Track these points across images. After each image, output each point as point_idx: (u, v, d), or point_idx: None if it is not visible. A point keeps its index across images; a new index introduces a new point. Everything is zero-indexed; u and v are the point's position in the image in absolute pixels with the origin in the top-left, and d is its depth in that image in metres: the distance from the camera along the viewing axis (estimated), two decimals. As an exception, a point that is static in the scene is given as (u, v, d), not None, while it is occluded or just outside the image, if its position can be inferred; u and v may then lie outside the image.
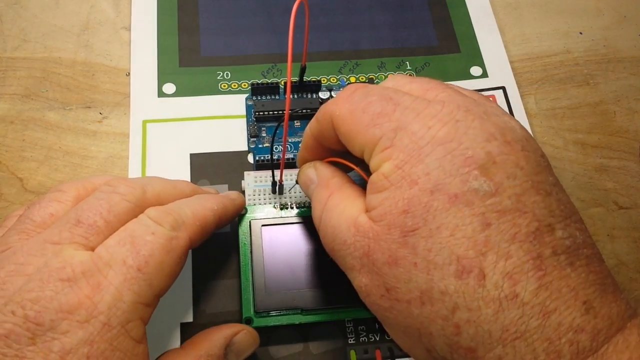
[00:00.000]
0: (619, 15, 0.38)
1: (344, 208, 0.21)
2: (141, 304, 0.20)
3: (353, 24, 0.36)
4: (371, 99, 0.21)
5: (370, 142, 0.20)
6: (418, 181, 0.18)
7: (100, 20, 0.35)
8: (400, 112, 0.20)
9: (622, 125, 0.34)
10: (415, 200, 0.18)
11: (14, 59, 0.33)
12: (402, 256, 0.18)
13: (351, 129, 0.21)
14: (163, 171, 0.30)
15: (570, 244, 0.18)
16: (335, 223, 0.21)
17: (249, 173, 0.29)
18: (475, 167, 0.18)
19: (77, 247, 0.20)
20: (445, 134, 0.19)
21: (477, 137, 0.19)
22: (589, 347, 0.17)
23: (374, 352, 0.26)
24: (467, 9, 0.37)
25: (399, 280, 0.19)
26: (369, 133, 0.20)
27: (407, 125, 0.19)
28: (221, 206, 0.24)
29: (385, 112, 0.20)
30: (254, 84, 0.31)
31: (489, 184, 0.18)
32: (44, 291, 0.19)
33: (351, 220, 0.20)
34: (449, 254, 0.18)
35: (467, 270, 0.17)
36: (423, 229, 0.18)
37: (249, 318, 0.25)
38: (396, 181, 0.19)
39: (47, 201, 0.22)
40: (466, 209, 0.18)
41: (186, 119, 0.32)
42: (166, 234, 0.21)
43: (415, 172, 0.19)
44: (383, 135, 0.20)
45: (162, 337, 0.26)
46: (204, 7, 0.36)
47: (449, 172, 0.18)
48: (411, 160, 0.19)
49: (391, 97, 0.20)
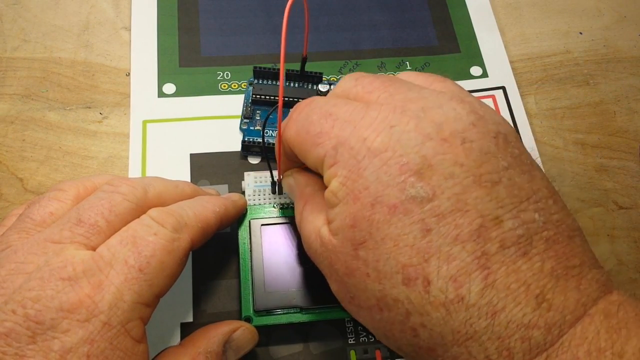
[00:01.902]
0: (619, 15, 0.38)
1: (313, 219, 0.22)
2: (141, 304, 0.20)
3: (353, 24, 0.36)
4: (312, 118, 0.21)
5: (317, 161, 0.21)
6: (359, 196, 0.19)
7: (100, 20, 0.35)
8: (338, 128, 0.20)
9: (622, 125, 0.34)
10: (359, 214, 0.19)
11: (14, 59, 0.33)
12: (355, 267, 0.19)
13: (300, 149, 0.22)
14: (163, 171, 0.30)
15: (524, 232, 0.18)
16: (307, 233, 0.22)
17: (249, 173, 0.29)
18: (411, 174, 0.18)
19: (78, 246, 0.20)
20: (379, 143, 0.19)
21: (410, 141, 0.19)
22: (542, 342, 0.17)
23: (374, 352, 0.26)
24: (467, 9, 0.37)
25: (357, 289, 0.19)
26: (314, 153, 0.21)
27: (345, 140, 0.20)
28: (223, 208, 0.24)
29: (325, 130, 0.20)
30: (256, 67, 0.31)
31: (426, 189, 0.18)
32: (44, 290, 0.19)
33: (316, 231, 0.21)
34: (395, 264, 0.18)
35: (413, 278, 0.18)
36: (370, 242, 0.19)
37: (248, 317, 0.25)
38: (343, 197, 0.19)
39: (47, 200, 0.22)
40: (405, 217, 0.18)
41: (186, 119, 0.32)
42: (168, 235, 0.21)
43: (357, 187, 0.19)
44: (326, 153, 0.20)
45: (162, 337, 0.26)
46: (204, 7, 0.36)
47: (386, 183, 0.18)
48: (352, 175, 0.19)
49: (330, 113, 0.21)
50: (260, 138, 0.30)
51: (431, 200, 0.18)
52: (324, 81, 0.32)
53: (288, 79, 0.32)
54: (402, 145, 0.19)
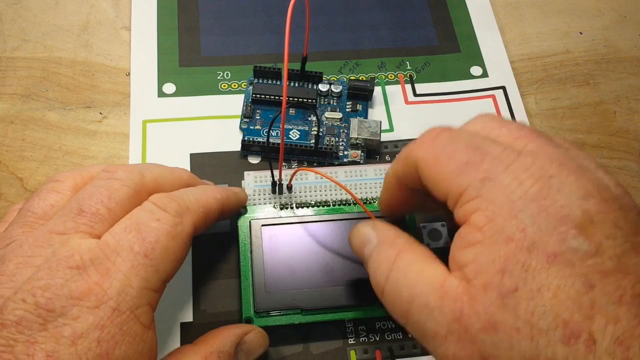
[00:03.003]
0: (619, 15, 0.38)
1: (422, 267, 0.20)
2: (149, 289, 0.20)
3: (353, 24, 0.36)
4: (457, 146, 0.20)
5: (455, 191, 0.19)
6: (514, 237, 0.17)
7: (100, 20, 0.35)
8: (488, 163, 0.19)
9: (622, 125, 0.34)
10: (513, 258, 0.17)
11: (14, 58, 0.33)
12: (501, 321, 0.17)
13: (436, 175, 0.20)
14: (163, 171, 0.30)
15: None
16: (412, 283, 0.19)
17: (249, 173, 0.29)
18: (573, 226, 0.17)
19: (82, 235, 0.20)
20: (537, 190, 0.18)
21: (572, 194, 0.18)
22: None
23: (374, 352, 0.26)
24: (467, 9, 0.37)
25: (498, 347, 0.17)
26: (455, 181, 0.19)
27: (497, 176, 0.18)
28: (224, 195, 0.25)
29: (473, 161, 0.19)
30: (256, 67, 0.31)
31: (589, 243, 0.17)
32: (53, 279, 0.19)
33: (436, 280, 0.19)
34: (553, 318, 0.16)
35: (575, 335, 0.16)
36: (523, 290, 0.17)
37: (248, 318, 0.25)
38: (490, 234, 0.18)
39: (45, 193, 0.22)
40: (567, 269, 0.17)
41: (186, 118, 0.32)
42: (171, 220, 0.21)
43: (510, 228, 0.17)
44: (470, 184, 0.19)
45: (162, 337, 0.26)
46: (204, 7, 0.36)
47: (545, 231, 0.17)
48: (503, 213, 0.18)
49: (478, 146, 0.19)
50: (261, 137, 0.30)
51: (594, 255, 0.17)
52: (324, 81, 0.32)
53: (288, 79, 0.32)
54: (563, 196, 0.18)
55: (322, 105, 0.32)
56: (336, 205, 0.28)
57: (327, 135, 0.31)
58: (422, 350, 0.26)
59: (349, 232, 0.24)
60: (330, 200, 0.28)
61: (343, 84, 0.33)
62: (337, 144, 0.31)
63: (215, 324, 0.26)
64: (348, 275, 0.26)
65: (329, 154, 0.30)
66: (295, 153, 0.30)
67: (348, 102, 0.32)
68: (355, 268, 0.26)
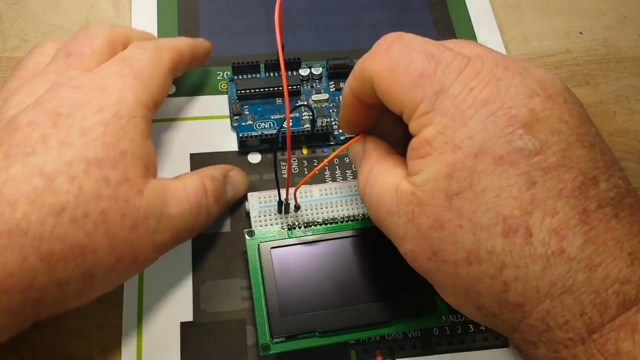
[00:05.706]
0: (619, 15, 0.38)
1: (385, 178, 0.21)
2: (142, 104, 0.23)
3: (353, 24, 0.36)
4: (412, 56, 0.20)
5: (411, 105, 0.20)
6: (462, 145, 0.18)
7: (100, 20, 0.35)
8: (441, 73, 0.19)
9: (622, 125, 0.34)
10: (459, 164, 0.18)
11: (14, 58, 0.33)
12: (447, 219, 0.19)
13: (391, 88, 0.20)
14: (163, 171, 0.30)
15: (614, 194, 0.18)
16: (377, 193, 0.21)
17: (253, 194, 0.28)
18: (520, 126, 0.18)
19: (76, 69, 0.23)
20: (487, 94, 0.19)
21: (519, 94, 0.19)
22: (634, 297, 0.17)
23: (374, 352, 0.26)
24: (467, 9, 0.37)
25: (444, 242, 0.19)
26: (410, 95, 0.20)
27: (449, 87, 0.19)
28: (193, 42, 0.28)
29: (427, 72, 0.20)
30: (234, 63, 0.32)
31: (534, 142, 0.18)
32: (57, 94, 0.22)
33: (393, 188, 0.21)
34: (495, 215, 0.18)
35: (514, 230, 0.18)
36: (468, 192, 0.18)
37: (265, 345, 0.24)
38: (439, 147, 0.19)
39: (32, 54, 0.26)
40: (511, 169, 0.18)
41: (186, 118, 0.32)
42: (151, 54, 0.24)
43: (459, 137, 0.19)
44: (424, 98, 0.19)
45: (162, 337, 0.26)
46: (204, 8, 0.36)
47: (493, 134, 0.18)
48: (454, 124, 0.19)
49: (432, 54, 0.20)
50: (255, 132, 0.30)
51: (539, 153, 0.18)
52: (303, 65, 0.32)
53: (267, 70, 0.32)
54: (510, 97, 0.19)
55: (306, 90, 0.32)
56: (344, 222, 0.27)
57: (318, 117, 0.31)
58: (423, 350, 0.26)
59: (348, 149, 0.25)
60: (338, 216, 0.27)
61: (322, 65, 0.33)
62: (331, 123, 0.31)
63: (215, 324, 0.26)
64: (362, 293, 0.25)
65: (326, 135, 0.30)
66: (293, 140, 0.30)
67: (331, 82, 0.33)
68: (369, 285, 0.25)
